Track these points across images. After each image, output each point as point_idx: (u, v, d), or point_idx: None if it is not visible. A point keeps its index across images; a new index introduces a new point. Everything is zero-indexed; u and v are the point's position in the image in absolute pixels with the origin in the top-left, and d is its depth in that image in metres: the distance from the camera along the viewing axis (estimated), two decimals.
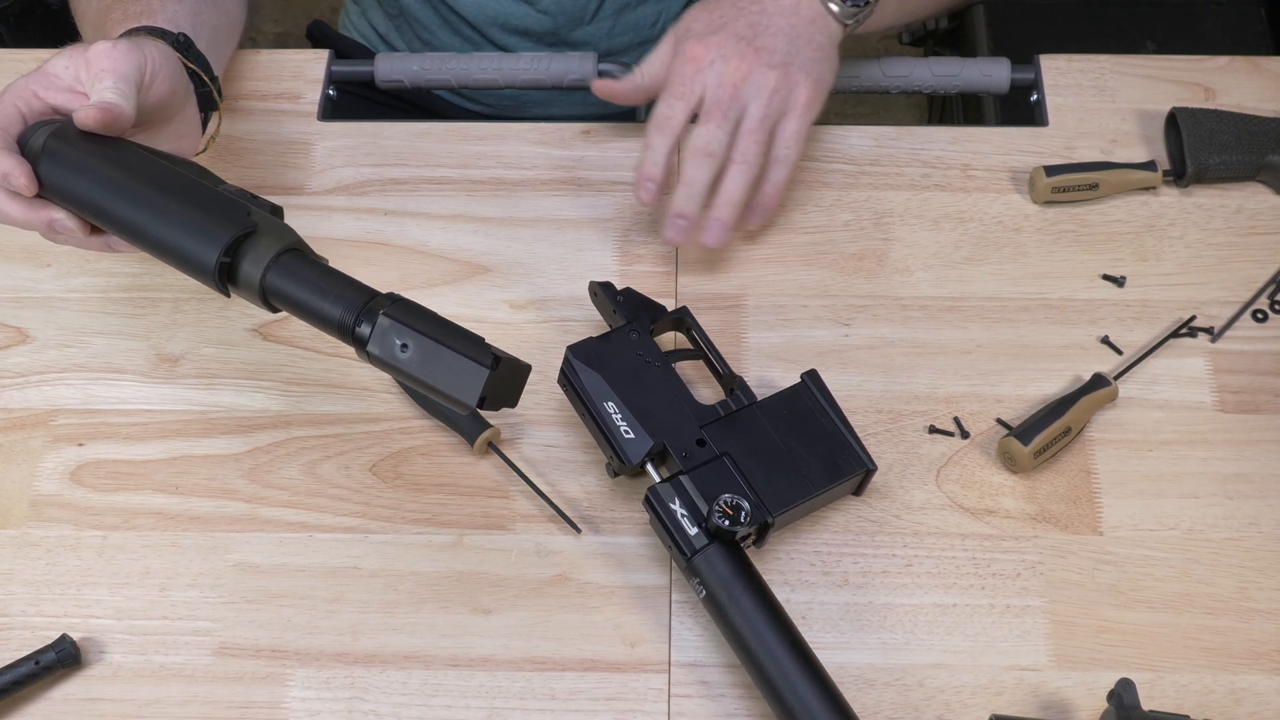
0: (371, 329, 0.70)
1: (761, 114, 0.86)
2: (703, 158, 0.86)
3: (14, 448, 0.86)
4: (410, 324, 0.70)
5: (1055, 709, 0.77)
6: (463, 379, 0.69)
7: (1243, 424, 0.86)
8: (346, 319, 0.71)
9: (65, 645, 0.78)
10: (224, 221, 0.73)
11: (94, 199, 0.76)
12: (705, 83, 0.86)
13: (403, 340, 0.69)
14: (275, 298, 0.73)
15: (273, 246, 0.72)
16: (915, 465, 0.85)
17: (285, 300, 0.73)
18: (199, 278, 0.74)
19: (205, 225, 0.73)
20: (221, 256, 0.72)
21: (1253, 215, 0.95)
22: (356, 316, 0.70)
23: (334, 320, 0.71)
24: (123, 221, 0.75)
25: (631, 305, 0.85)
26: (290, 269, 0.72)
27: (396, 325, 0.70)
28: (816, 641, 0.76)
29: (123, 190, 0.75)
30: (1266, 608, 0.80)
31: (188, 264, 0.74)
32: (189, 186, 0.76)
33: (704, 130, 0.86)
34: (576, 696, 0.78)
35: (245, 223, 0.73)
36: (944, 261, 0.93)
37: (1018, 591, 0.80)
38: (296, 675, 0.79)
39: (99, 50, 0.77)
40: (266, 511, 0.84)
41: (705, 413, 0.81)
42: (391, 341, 0.70)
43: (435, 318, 0.71)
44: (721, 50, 0.86)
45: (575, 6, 1.13)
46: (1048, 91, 1.01)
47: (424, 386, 0.70)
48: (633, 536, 0.83)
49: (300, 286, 0.72)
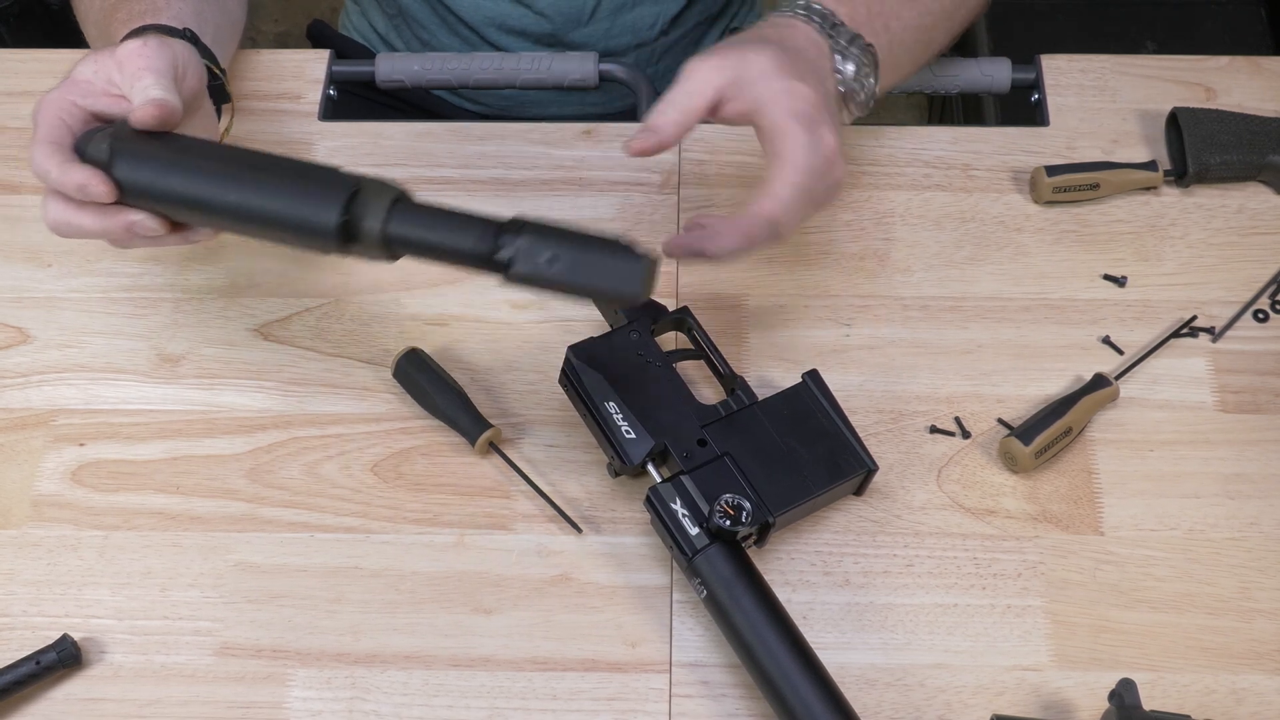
0: (512, 252, 0.70)
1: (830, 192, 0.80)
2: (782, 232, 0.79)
3: (15, 448, 0.86)
4: (550, 238, 0.70)
5: (1056, 709, 0.77)
6: (622, 274, 0.69)
7: (1244, 424, 0.86)
8: (483, 248, 0.71)
9: (66, 645, 0.78)
10: (329, 185, 0.73)
11: (189, 190, 0.75)
12: (824, 136, 0.77)
13: (549, 254, 0.69)
14: (399, 245, 0.72)
15: (383, 198, 0.72)
16: (916, 465, 0.85)
17: (411, 245, 0.72)
18: (312, 244, 0.73)
19: (313, 192, 0.72)
20: (341, 216, 0.71)
21: (1254, 215, 0.95)
22: (494, 243, 0.70)
23: (470, 252, 0.71)
24: (225, 207, 0.74)
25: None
26: (409, 215, 0.72)
27: (537, 242, 0.70)
28: (817, 641, 0.76)
29: (218, 176, 0.74)
30: (1268, 608, 0.80)
31: (302, 232, 0.73)
32: (275, 162, 0.76)
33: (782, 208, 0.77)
34: (578, 696, 0.78)
35: (349, 182, 0.72)
36: (945, 261, 0.93)
37: (1019, 591, 0.80)
38: (297, 675, 0.79)
39: (130, 50, 0.77)
40: (267, 511, 0.84)
41: (706, 413, 0.81)
42: (537, 258, 0.70)
43: (568, 229, 0.71)
44: (819, 113, 0.77)
45: (572, 8, 1.13)
46: (1049, 91, 1.01)
47: (584, 291, 0.70)
48: (634, 536, 0.83)
49: (424, 228, 0.72)
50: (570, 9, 1.13)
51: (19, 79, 1.02)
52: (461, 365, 0.88)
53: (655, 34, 1.17)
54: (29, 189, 0.97)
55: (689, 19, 1.20)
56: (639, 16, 1.16)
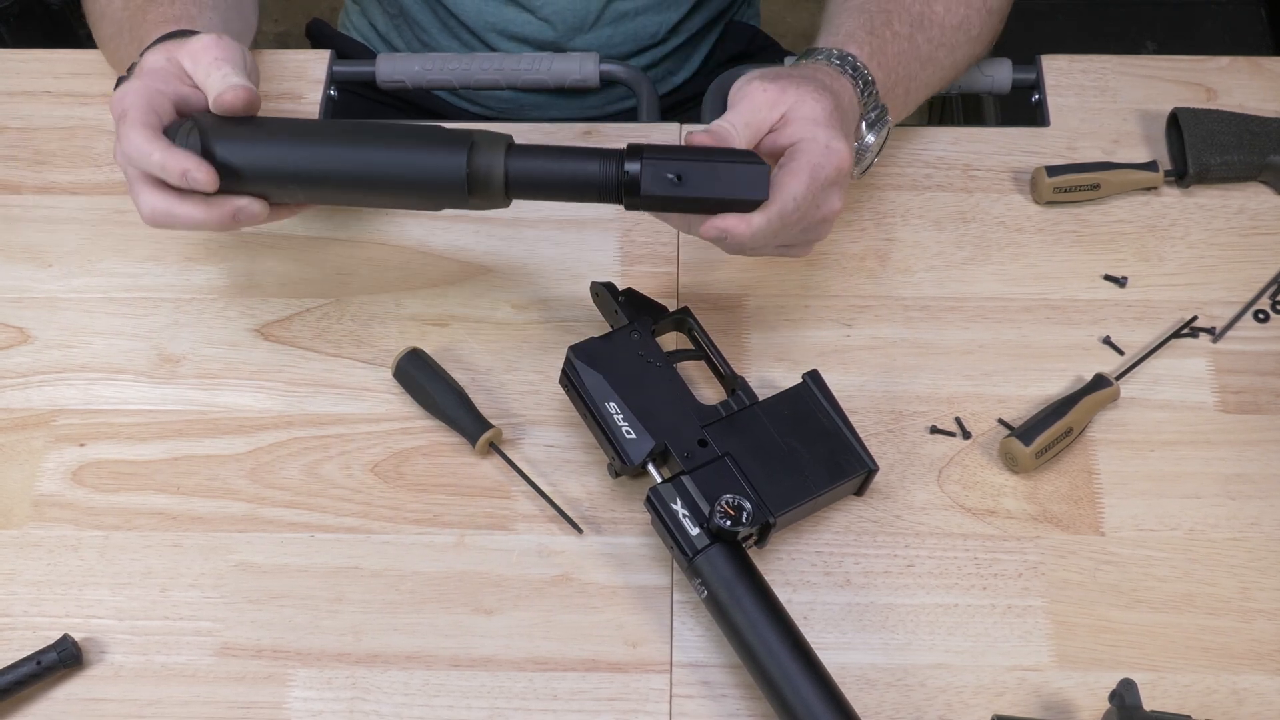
0: (636, 175, 0.73)
1: (808, 241, 0.81)
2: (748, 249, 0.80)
3: (15, 448, 0.86)
4: (671, 156, 0.73)
5: (1057, 709, 0.77)
6: (748, 179, 0.73)
7: (1244, 424, 0.86)
8: (608, 176, 0.74)
9: (67, 645, 0.78)
10: (444, 140, 0.76)
11: (304, 166, 0.77)
12: (831, 199, 0.78)
13: (673, 172, 0.73)
14: (520, 187, 0.76)
15: (496, 146, 0.75)
16: (917, 465, 0.85)
17: (533, 184, 0.76)
18: (440, 199, 0.77)
19: (432, 148, 0.75)
20: (468, 167, 0.74)
21: (1254, 215, 0.95)
22: (617, 170, 0.74)
23: (595, 181, 0.74)
24: (345, 176, 0.77)
25: (633, 305, 0.85)
26: (525, 157, 0.75)
27: (659, 163, 0.73)
28: (818, 642, 0.76)
29: (333, 148, 0.77)
30: (1268, 608, 0.80)
31: (430, 187, 0.76)
32: (377, 128, 0.78)
33: (778, 225, 0.77)
34: (578, 697, 0.78)
35: (462, 135, 0.75)
36: (946, 262, 0.93)
37: (1019, 592, 0.80)
38: (298, 675, 0.79)
39: (204, 43, 0.79)
40: (268, 512, 0.84)
41: (707, 413, 0.81)
42: (662, 177, 0.73)
43: (682, 147, 0.74)
44: (842, 178, 0.78)
45: (575, 15, 1.13)
46: (1049, 92, 1.01)
47: (713, 204, 0.73)
48: (634, 537, 0.83)
49: (543, 166, 0.75)
50: (573, 16, 1.13)
51: (19, 79, 1.02)
52: (462, 365, 0.88)
53: (657, 40, 1.17)
54: (29, 189, 0.97)
55: (691, 25, 1.20)
56: (641, 25, 1.16)
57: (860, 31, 0.85)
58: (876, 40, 0.85)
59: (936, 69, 0.89)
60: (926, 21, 0.88)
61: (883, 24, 0.86)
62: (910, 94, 0.88)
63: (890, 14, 0.87)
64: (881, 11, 0.87)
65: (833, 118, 0.78)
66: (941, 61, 0.89)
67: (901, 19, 0.87)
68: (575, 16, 1.13)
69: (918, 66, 0.87)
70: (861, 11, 0.87)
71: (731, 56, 1.26)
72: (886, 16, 0.87)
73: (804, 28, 2.10)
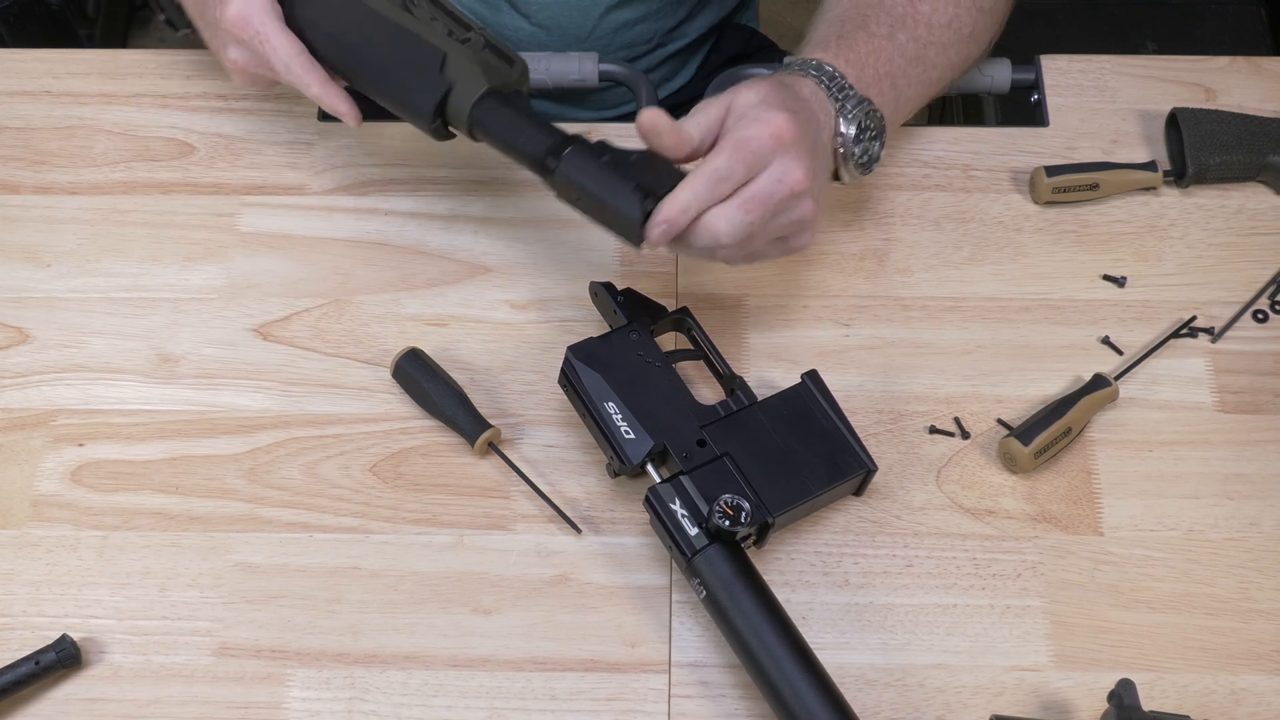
0: (555, 165, 0.79)
1: (774, 229, 0.79)
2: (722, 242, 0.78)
3: (14, 448, 0.86)
4: (587, 172, 0.78)
5: (1055, 709, 0.77)
6: (625, 225, 0.77)
7: (1243, 424, 0.86)
8: (536, 153, 0.80)
9: (65, 645, 0.78)
10: (430, 82, 0.83)
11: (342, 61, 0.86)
12: (773, 165, 0.76)
13: (575, 190, 0.79)
14: (480, 132, 0.83)
15: (469, 96, 0.82)
16: (916, 465, 0.85)
17: (489, 139, 0.83)
18: (416, 125, 0.86)
19: (417, 80, 0.83)
20: (434, 124, 0.84)
21: (1253, 215, 0.95)
22: (543, 157, 0.80)
23: (526, 154, 0.81)
24: (358, 81, 0.86)
25: (632, 305, 0.85)
26: (487, 114, 0.82)
27: (574, 169, 0.78)
28: (817, 642, 0.76)
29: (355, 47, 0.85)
30: (1267, 608, 0.80)
31: (407, 114, 0.85)
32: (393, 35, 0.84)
33: (733, 206, 0.76)
34: (577, 697, 0.78)
35: (439, 84, 0.82)
36: (945, 262, 0.93)
37: (1018, 592, 0.80)
38: (296, 675, 0.79)
39: None
40: (266, 512, 0.84)
41: (706, 413, 0.81)
42: (571, 179, 0.79)
43: (617, 158, 0.78)
44: (799, 147, 0.76)
45: (572, 24, 1.13)
46: (1048, 92, 1.01)
47: (603, 213, 0.78)
48: (633, 537, 0.83)
49: (499, 127, 0.82)
50: (570, 25, 1.13)
51: (19, 79, 1.02)
52: (461, 365, 0.88)
53: (652, 46, 1.18)
54: (28, 189, 0.97)
55: (689, 32, 1.20)
56: (638, 34, 1.16)
57: (829, 38, 0.86)
58: (845, 41, 0.86)
59: (928, 66, 0.89)
60: (910, 21, 0.88)
61: (855, 28, 0.87)
62: (901, 90, 0.87)
63: (867, 18, 0.87)
64: (857, 17, 0.88)
65: (770, 97, 0.77)
66: (933, 59, 0.89)
67: (880, 21, 0.87)
68: (572, 25, 1.13)
69: (904, 63, 0.87)
70: (836, 21, 0.88)
71: (729, 58, 1.26)
72: (862, 20, 0.87)
73: (803, 28, 2.10)
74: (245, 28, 0.84)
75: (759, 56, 1.26)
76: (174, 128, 1.00)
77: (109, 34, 1.97)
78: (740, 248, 0.78)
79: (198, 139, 0.99)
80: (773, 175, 0.76)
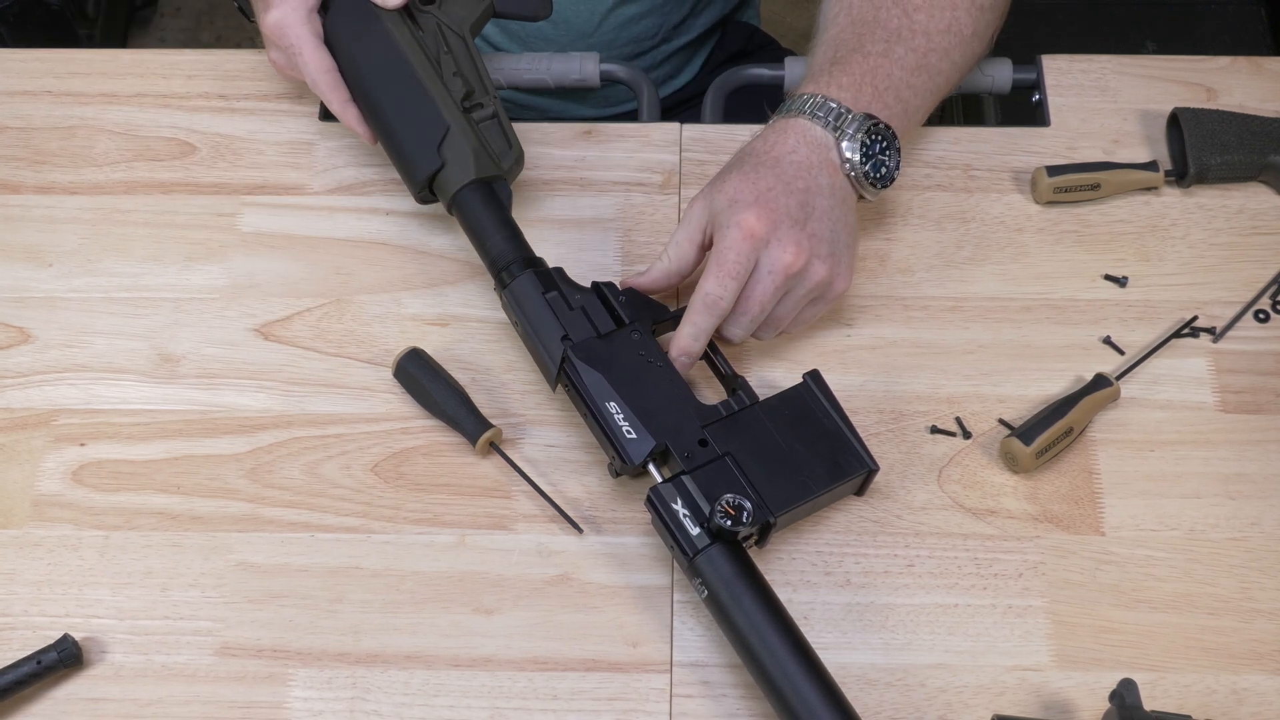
0: (507, 283, 0.84)
1: (797, 302, 0.83)
2: (726, 321, 0.83)
3: (15, 448, 0.86)
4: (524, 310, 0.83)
5: (1057, 709, 0.77)
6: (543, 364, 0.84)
7: (1244, 424, 0.86)
8: (490, 264, 0.86)
9: (67, 645, 0.78)
10: (421, 156, 0.87)
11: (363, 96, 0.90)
12: (759, 263, 0.80)
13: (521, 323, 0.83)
14: (457, 217, 0.88)
15: (456, 181, 0.86)
16: (917, 465, 0.85)
17: (463, 224, 0.87)
18: (406, 179, 0.90)
19: (416, 145, 0.87)
20: (421, 193, 0.89)
21: (1254, 215, 0.95)
22: (497, 271, 0.85)
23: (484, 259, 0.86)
24: (364, 109, 0.90)
25: (633, 305, 0.85)
26: (466, 202, 0.86)
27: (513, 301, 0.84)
28: (818, 641, 0.76)
29: (376, 92, 0.89)
30: (1268, 608, 0.80)
31: (404, 176, 0.90)
32: (404, 95, 0.88)
33: (740, 315, 0.83)
34: (578, 697, 0.78)
35: (437, 160, 0.87)
36: (946, 262, 0.93)
37: (1019, 592, 0.80)
38: (298, 675, 0.79)
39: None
40: (268, 511, 0.84)
41: (707, 413, 0.81)
42: (512, 308, 0.84)
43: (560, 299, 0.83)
44: (778, 232, 0.80)
45: (579, 19, 1.13)
46: (1049, 92, 1.01)
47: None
48: (635, 536, 0.83)
49: (474, 220, 0.87)
50: (578, 19, 1.13)
51: (19, 79, 1.02)
52: (462, 365, 0.88)
53: (657, 41, 1.18)
54: (29, 189, 0.97)
55: (692, 29, 1.20)
56: (643, 28, 1.16)
57: (824, 65, 0.87)
58: (839, 67, 0.86)
59: (933, 73, 0.89)
60: (907, 33, 0.88)
61: (850, 50, 0.87)
62: (908, 100, 0.87)
63: (862, 38, 0.87)
64: (853, 39, 0.88)
65: (740, 191, 0.81)
66: (936, 65, 0.89)
67: (874, 39, 0.87)
68: (580, 21, 1.13)
69: (905, 75, 0.87)
70: (831, 45, 0.89)
71: (731, 55, 1.26)
72: (857, 42, 0.87)
73: (804, 27, 2.10)
74: (282, 37, 0.89)
75: (761, 54, 1.26)
76: (175, 127, 1.00)
77: (109, 34, 1.97)
78: (771, 330, 0.85)
79: (199, 139, 0.99)
80: (761, 272, 0.81)
